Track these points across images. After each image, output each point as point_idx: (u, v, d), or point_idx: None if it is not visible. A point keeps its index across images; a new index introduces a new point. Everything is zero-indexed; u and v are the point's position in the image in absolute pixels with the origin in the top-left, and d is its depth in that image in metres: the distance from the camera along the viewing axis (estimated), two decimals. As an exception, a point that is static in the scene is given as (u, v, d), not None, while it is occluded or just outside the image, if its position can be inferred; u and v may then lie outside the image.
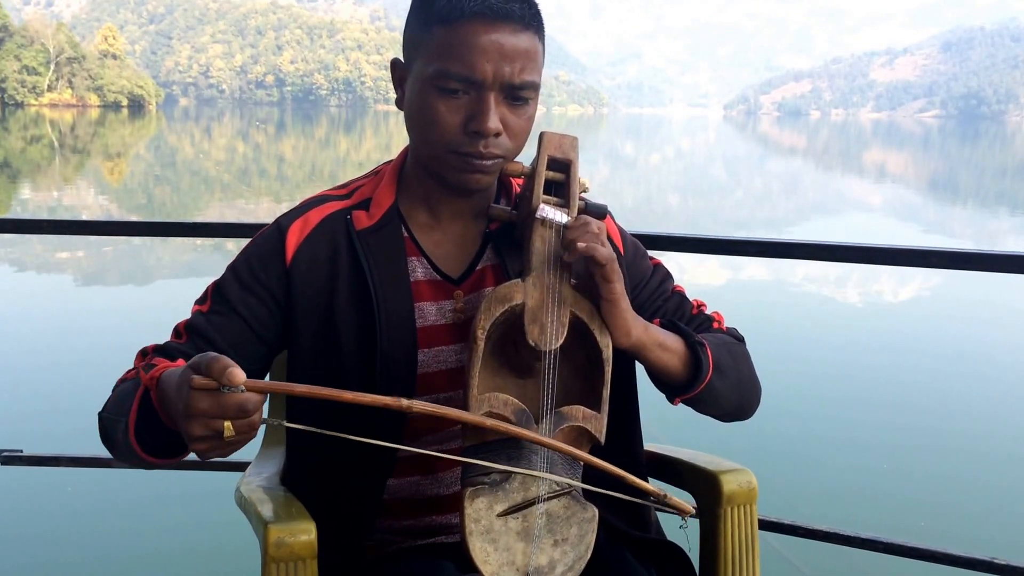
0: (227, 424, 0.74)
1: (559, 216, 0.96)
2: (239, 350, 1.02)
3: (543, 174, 0.98)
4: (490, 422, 0.86)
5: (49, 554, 2.88)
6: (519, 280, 0.93)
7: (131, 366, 1.04)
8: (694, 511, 0.92)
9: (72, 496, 3.25)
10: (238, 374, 0.73)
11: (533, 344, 0.91)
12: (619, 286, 0.92)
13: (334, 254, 1.02)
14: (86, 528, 3.09)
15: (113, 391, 1.02)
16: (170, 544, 2.97)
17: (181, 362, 0.90)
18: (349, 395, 0.78)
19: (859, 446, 4.25)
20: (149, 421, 0.87)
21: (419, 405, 0.81)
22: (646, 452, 1.22)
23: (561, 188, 1.00)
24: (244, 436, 0.76)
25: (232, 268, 1.05)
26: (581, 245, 0.90)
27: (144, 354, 1.04)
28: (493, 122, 0.94)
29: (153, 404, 0.85)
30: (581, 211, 1.00)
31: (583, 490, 0.93)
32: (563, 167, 1.00)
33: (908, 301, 8.41)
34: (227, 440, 0.75)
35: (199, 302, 1.05)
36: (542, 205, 0.96)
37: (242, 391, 0.74)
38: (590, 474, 0.93)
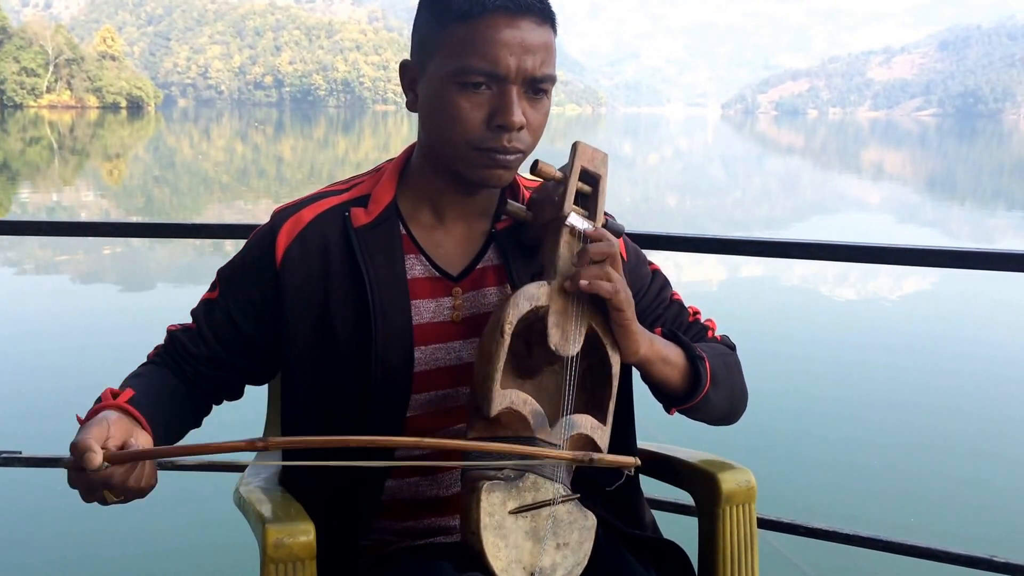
0: (105, 493, 0.83)
1: (587, 227, 0.97)
2: (227, 346, 1.06)
3: (575, 183, 0.99)
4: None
5: (49, 555, 2.89)
6: (545, 283, 0.94)
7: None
8: (638, 462, 0.91)
9: (71, 497, 3.24)
10: (92, 460, 0.79)
11: (554, 348, 0.92)
12: (629, 312, 0.94)
13: (326, 251, 1.02)
14: (85, 529, 3.08)
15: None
16: (169, 545, 2.97)
17: (125, 395, 0.96)
18: (209, 447, 0.80)
19: (857, 444, 4.25)
20: None
21: (274, 442, 0.80)
22: (645, 452, 1.22)
23: (587, 200, 1.01)
24: (133, 496, 0.84)
25: (231, 263, 1.08)
26: (583, 283, 0.92)
27: (168, 334, 1.10)
28: (518, 115, 0.94)
29: None
30: (603, 226, 1.01)
31: (583, 494, 0.94)
32: (592, 180, 1.01)
33: (906, 299, 8.42)
34: (112, 503, 0.83)
35: (210, 288, 1.08)
36: (572, 214, 0.97)
37: (106, 467, 0.80)
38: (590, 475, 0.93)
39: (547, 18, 0.96)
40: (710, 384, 1.03)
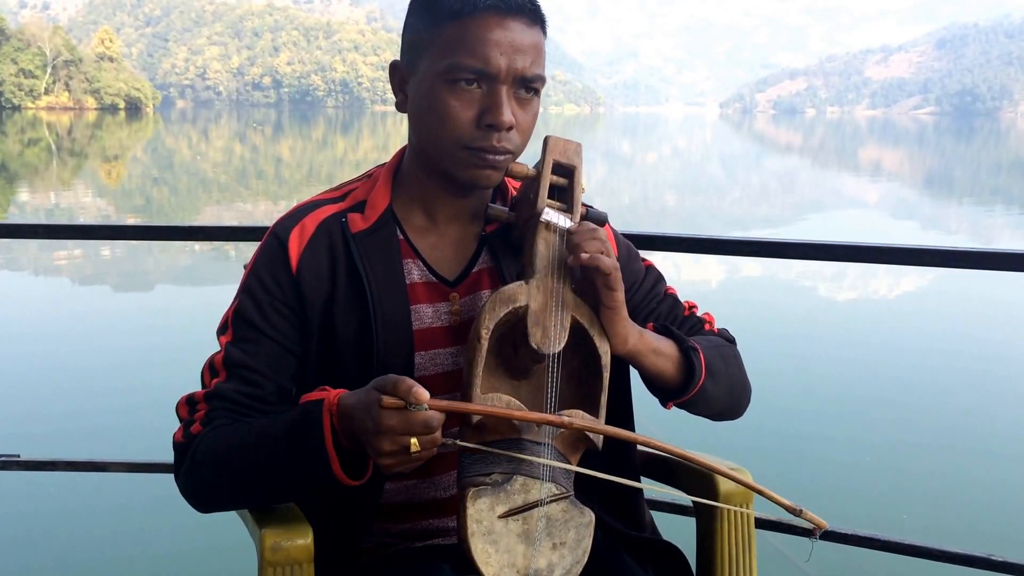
0: (413, 440, 0.81)
1: (563, 220, 0.97)
2: (282, 372, 1.01)
3: (548, 178, 0.99)
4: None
5: (47, 558, 2.89)
6: (523, 282, 0.94)
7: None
8: (827, 526, 0.93)
9: (69, 500, 3.24)
10: (423, 393, 0.80)
11: (536, 347, 0.91)
12: (620, 295, 0.94)
13: (332, 258, 1.02)
14: (83, 532, 3.09)
15: (181, 453, 1.00)
16: (168, 547, 2.97)
17: (329, 389, 0.92)
18: (519, 414, 0.85)
19: (856, 443, 4.26)
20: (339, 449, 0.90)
21: (579, 422, 0.87)
22: (643, 452, 1.22)
23: (564, 193, 1.00)
24: (427, 452, 0.83)
25: (246, 291, 1.03)
26: (585, 256, 0.91)
27: (192, 402, 1.02)
28: (507, 115, 0.95)
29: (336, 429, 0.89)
30: (583, 217, 1.01)
31: (580, 493, 0.94)
32: (567, 172, 1.00)
33: (903, 297, 8.43)
34: (413, 456, 0.82)
35: (221, 332, 1.03)
36: (546, 209, 0.97)
37: (426, 409, 0.80)
38: (591, 480, 0.93)
39: (537, 19, 0.97)
40: (706, 375, 1.03)
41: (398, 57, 1.04)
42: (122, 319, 6.75)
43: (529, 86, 0.97)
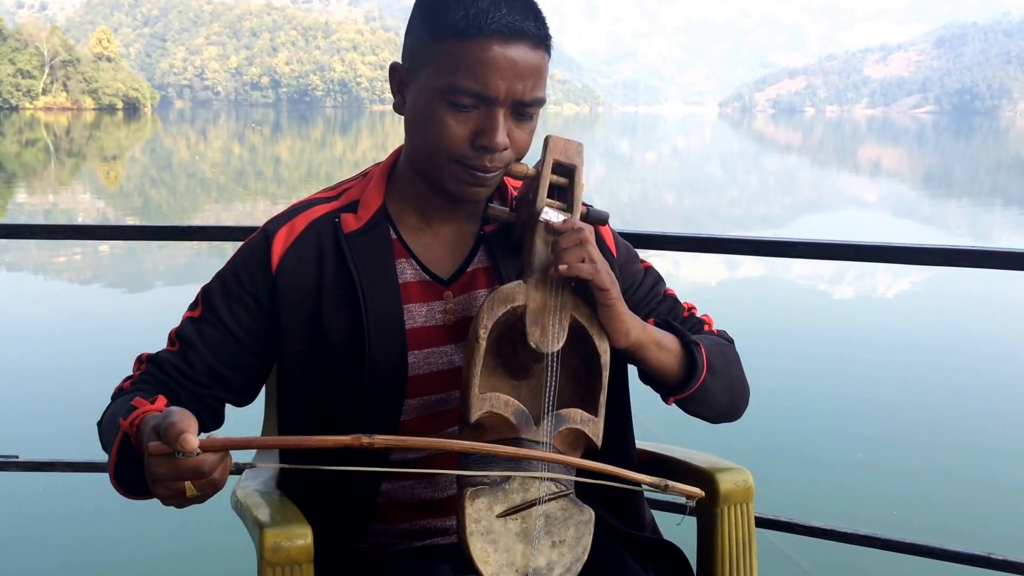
0: (187, 484, 0.77)
1: (562, 220, 0.97)
2: (224, 360, 1.02)
3: (548, 177, 0.99)
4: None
5: (45, 559, 2.88)
6: (521, 281, 0.93)
7: (129, 373, 1.06)
8: (703, 494, 0.91)
9: (67, 501, 3.24)
10: (189, 441, 0.75)
11: (535, 346, 0.91)
12: (614, 291, 0.94)
13: (320, 258, 1.02)
14: (81, 533, 3.08)
15: (112, 400, 1.03)
16: (166, 548, 2.96)
17: (161, 401, 0.92)
18: (312, 440, 0.79)
19: (856, 441, 4.26)
20: (130, 462, 0.89)
21: (380, 440, 0.78)
22: (642, 452, 1.22)
23: (564, 192, 1.00)
24: (209, 492, 0.79)
25: (220, 276, 1.05)
26: (563, 267, 0.91)
27: (140, 361, 1.05)
28: (502, 138, 0.95)
29: (133, 445, 0.88)
30: (583, 217, 1.01)
31: (580, 491, 0.93)
32: (567, 172, 1.00)
33: (902, 296, 8.43)
34: (190, 497, 0.78)
35: (191, 308, 1.05)
36: (545, 208, 0.97)
37: (198, 454, 0.76)
38: (589, 474, 0.93)
39: (542, 42, 0.96)
40: (707, 371, 1.03)
41: (399, 56, 1.04)
42: (121, 319, 6.74)
43: (525, 110, 0.96)
